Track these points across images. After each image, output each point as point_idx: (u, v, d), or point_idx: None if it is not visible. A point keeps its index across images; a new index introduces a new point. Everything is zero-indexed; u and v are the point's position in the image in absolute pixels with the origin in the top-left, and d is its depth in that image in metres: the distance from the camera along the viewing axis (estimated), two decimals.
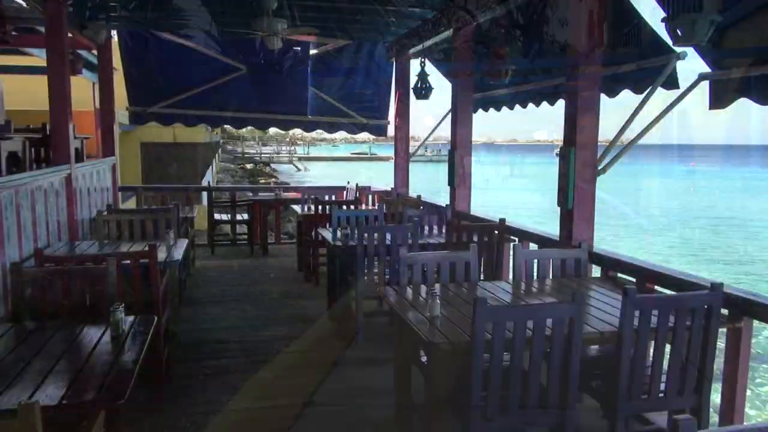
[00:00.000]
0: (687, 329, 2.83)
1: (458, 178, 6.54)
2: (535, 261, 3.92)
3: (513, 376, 2.62)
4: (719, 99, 4.24)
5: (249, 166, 54.63)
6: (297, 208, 7.95)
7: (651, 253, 19.49)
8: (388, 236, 4.92)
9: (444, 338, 2.71)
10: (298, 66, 8.41)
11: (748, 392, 3.20)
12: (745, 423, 3.17)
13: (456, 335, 2.75)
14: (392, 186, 8.91)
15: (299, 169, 60.53)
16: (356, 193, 8.82)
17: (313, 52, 8.56)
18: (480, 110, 7.30)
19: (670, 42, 4.50)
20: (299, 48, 8.29)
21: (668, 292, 3.49)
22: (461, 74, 6.38)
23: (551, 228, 5.03)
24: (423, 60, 7.29)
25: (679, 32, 3.24)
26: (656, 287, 3.71)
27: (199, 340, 5.17)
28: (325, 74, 8.69)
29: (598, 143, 4.42)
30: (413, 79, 7.55)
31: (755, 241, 24.54)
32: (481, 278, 4.77)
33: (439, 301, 3.00)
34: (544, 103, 6.41)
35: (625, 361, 2.77)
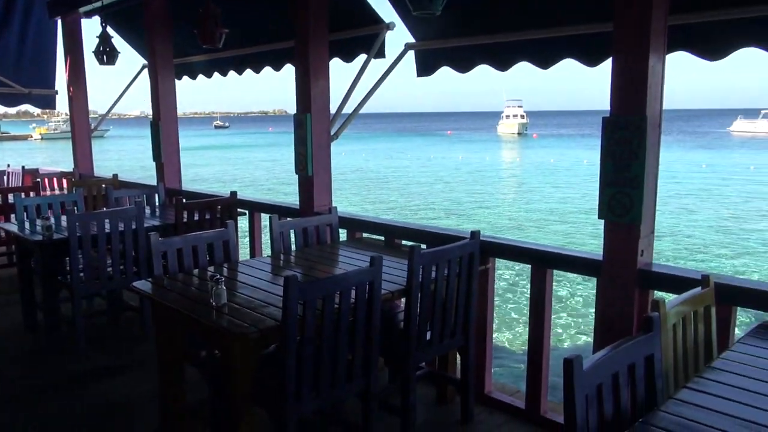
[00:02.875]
0: (457, 276, 3.08)
1: (165, 153, 5.95)
2: (292, 231, 3.80)
3: (325, 354, 2.50)
4: (425, 67, 4.65)
5: None
6: None
7: None
8: (107, 223, 4.21)
9: (248, 326, 2.43)
10: None
11: None
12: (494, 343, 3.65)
13: (257, 321, 2.50)
14: (73, 167, 7.67)
15: None
16: (22, 177, 7.36)
17: None
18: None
19: (380, 13, 4.80)
20: None
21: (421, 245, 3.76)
22: (159, 37, 5.74)
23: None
24: (104, 20, 6.33)
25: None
26: (403, 242, 3.97)
27: None
28: None
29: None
30: (90, 42, 6.53)
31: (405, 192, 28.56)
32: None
33: (224, 288, 2.67)
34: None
35: (414, 315, 2.89)
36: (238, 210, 5.12)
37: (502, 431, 3.25)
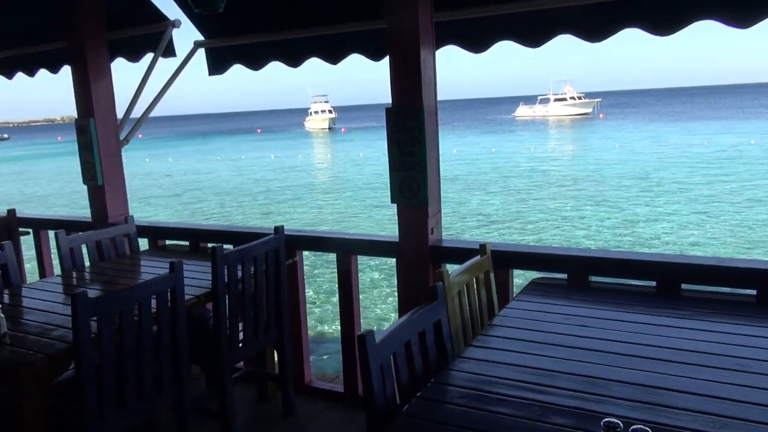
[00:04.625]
0: (264, 273, 3.10)
1: None
2: (84, 246, 3.52)
3: (128, 369, 2.38)
4: (216, 66, 4.57)
5: None
6: None
7: None
8: None
9: (34, 353, 2.22)
10: None
11: None
12: (310, 332, 3.73)
13: (44, 347, 2.30)
14: None
15: None
16: None
17: None
18: None
19: (165, 10, 4.60)
20: None
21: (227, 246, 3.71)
22: None
23: None
24: None
25: None
26: (209, 244, 3.87)
27: None
28: None
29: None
30: None
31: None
32: None
33: (2, 315, 2.41)
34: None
35: (223, 317, 2.86)
36: (20, 229, 4.60)
37: (323, 417, 3.34)
